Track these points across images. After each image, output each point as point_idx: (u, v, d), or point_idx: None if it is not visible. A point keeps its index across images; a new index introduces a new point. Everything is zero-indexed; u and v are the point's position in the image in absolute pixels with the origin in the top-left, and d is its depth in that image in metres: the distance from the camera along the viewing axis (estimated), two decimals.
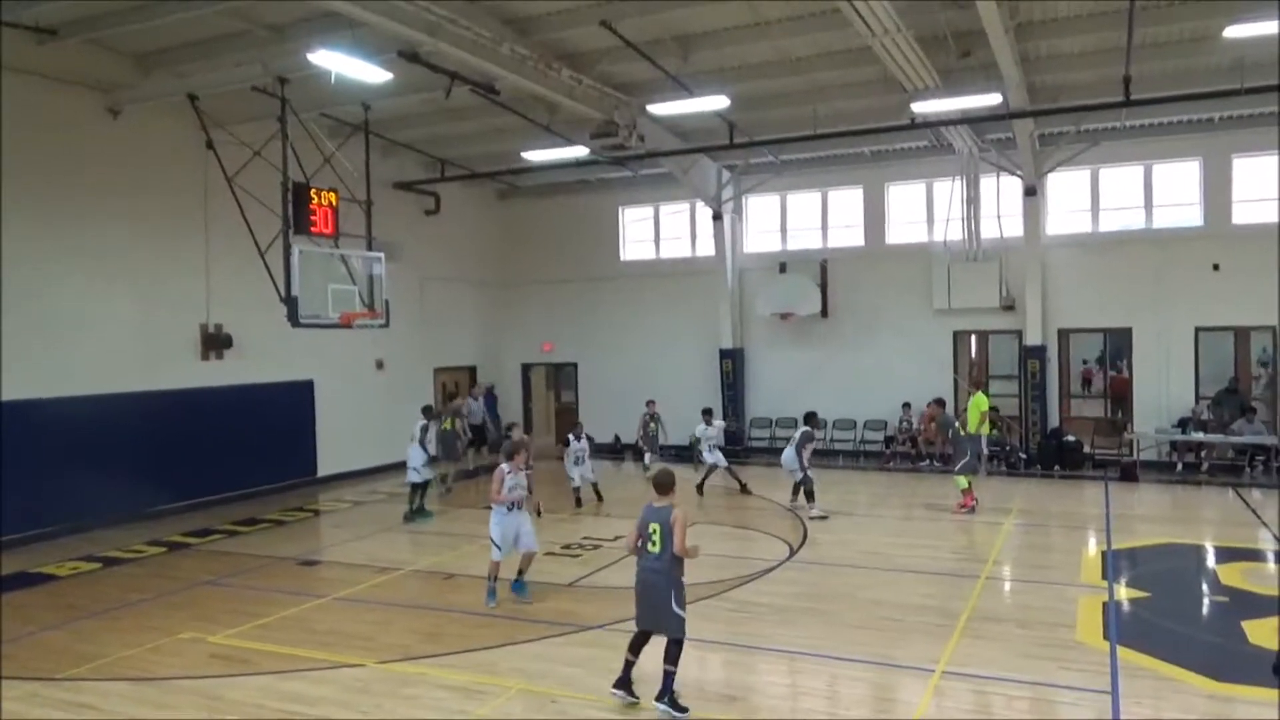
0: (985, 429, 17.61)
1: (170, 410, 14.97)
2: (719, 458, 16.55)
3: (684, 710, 6.65)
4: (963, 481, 14.29)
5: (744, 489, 16.22)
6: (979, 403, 17.59)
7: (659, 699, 6.67)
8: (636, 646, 6.93)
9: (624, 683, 6.88)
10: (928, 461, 18.95)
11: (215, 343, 15.95)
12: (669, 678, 6.69)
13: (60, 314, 13.58)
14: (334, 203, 13.85)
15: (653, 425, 17.78)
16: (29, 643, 8.77)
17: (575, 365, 23.62)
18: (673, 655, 6.70)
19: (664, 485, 7.00)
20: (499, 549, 9.65)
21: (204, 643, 8.65)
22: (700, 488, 16.30)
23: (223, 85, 13.81)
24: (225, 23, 12.73)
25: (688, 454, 20.81)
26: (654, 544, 6.82)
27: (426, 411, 15.42)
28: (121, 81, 14.26)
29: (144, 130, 14.71)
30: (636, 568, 6.94)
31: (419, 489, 14.50)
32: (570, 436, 15.51)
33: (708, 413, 16.95)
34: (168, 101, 14.29)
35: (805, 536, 12.77)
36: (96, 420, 13.85)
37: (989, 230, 19.03)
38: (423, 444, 14.60)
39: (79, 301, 13.86)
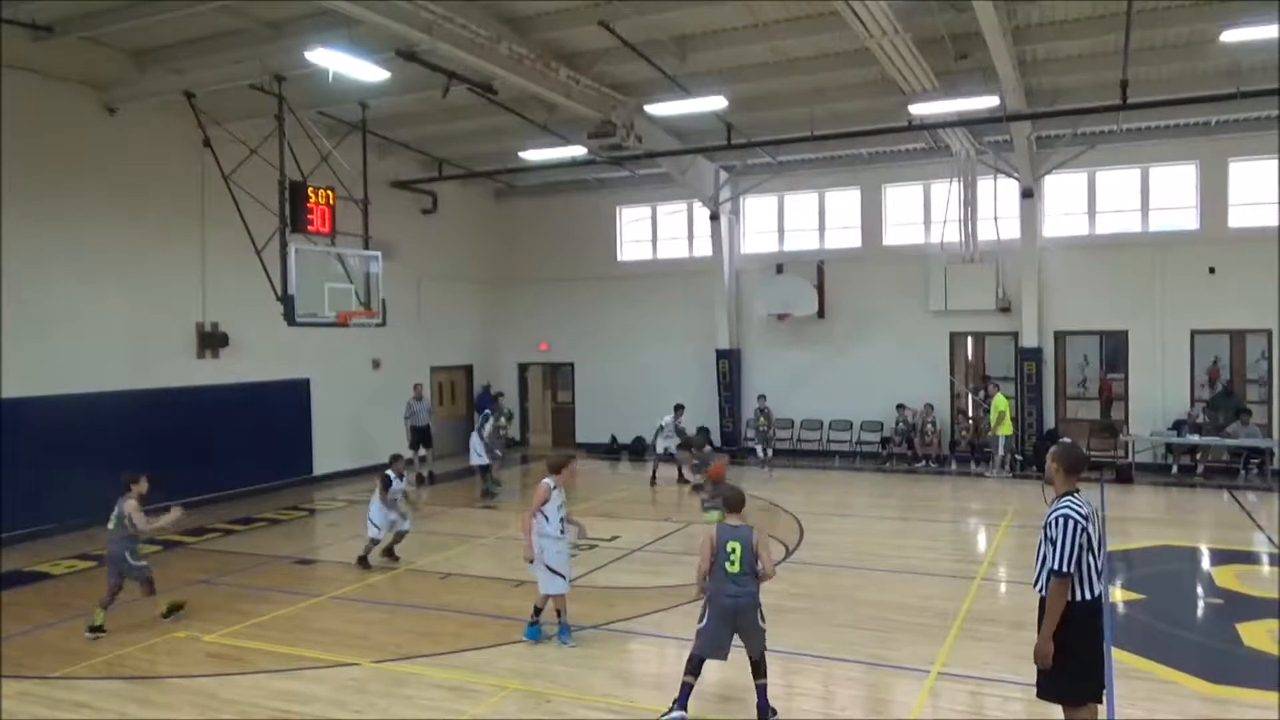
0: (1006, 429, 17.69)
1: (165, 408, 14.93)
2: (671, 447, 17.64)
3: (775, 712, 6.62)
4: (714, 516, 13.34)
5: (653, 482, 17.40)
6: (999, 403, 17.66)
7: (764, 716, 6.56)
8: (698, 669, 6.62)
9: (684, 704, 6.56)
10: (924, 463, 18.98)
11: (211, 341, 15.93)
12: (764, 690, 6.57)
13: (55, 311, 13.54)
14: (331, 201, 13.83)
15: (763, 420, 18.24)
16: (23, 641, 8.74)
17: (572, 365, 23.61)
18: (764, 669, 6.61)
19: (738, 503, 6.81)
20: (563, 578, 8.34)
21: (199, 641, 8.63)
22: (687, 482, 17.17)
23: (220, 83, 13.79)
24: (223, 20, 12.70)
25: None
26: (733, 563, 6.50)
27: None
28: (118, 79, 14.23)
29: (141, 128, 14.69)
30: (714, 591, 6.55)
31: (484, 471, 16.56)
32: (389, 474, 11.69)
33: (679, 408, 18.19)
34: (165, 99, 14.27)
35: (801, 537, 12.78)
36: (91, 418, 13.80)
37: (986, 232, 19.04)
38: (480, 433, 16.54)
39: (74, 299, 13.83)
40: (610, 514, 14.63)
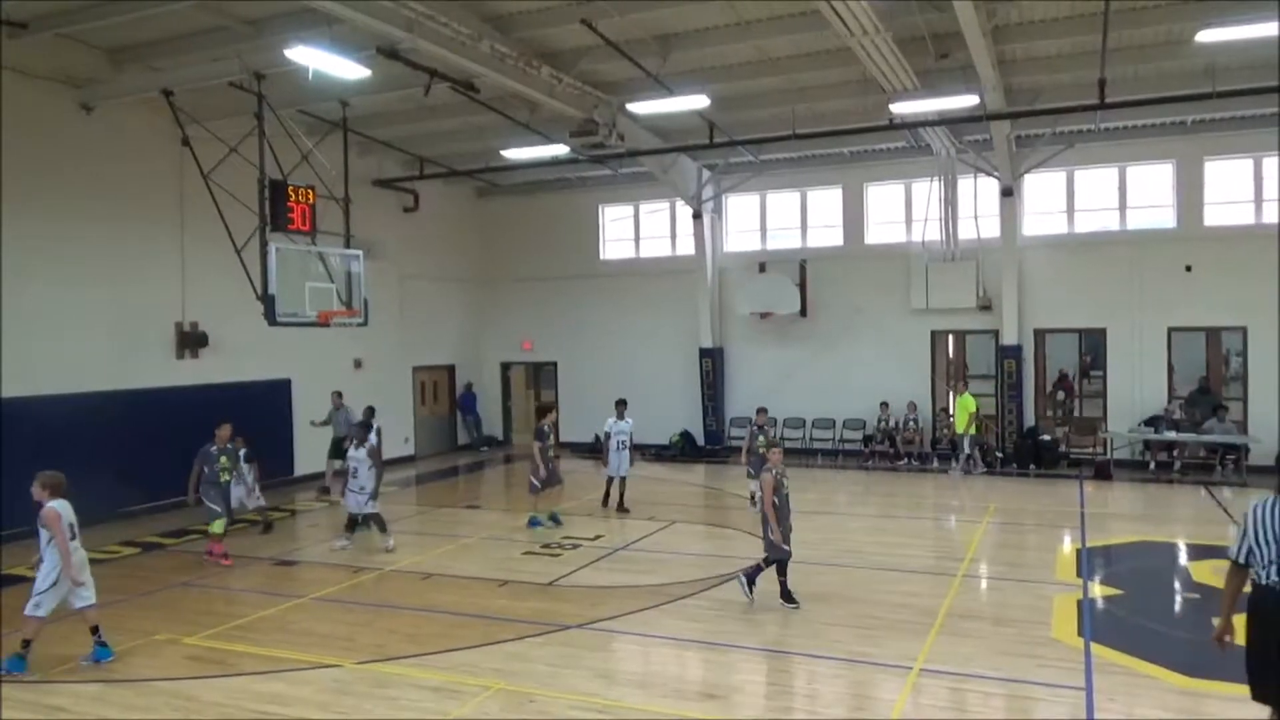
0: (972, 429, 17.81)
1: (145, 409, 14.78)
2: (623, 462, 14.62)
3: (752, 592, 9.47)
4: (218, 527, 11.93)
5: (622, 507, 14.66)
6: (966, 403, 17.76)
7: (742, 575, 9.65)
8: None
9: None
10: (905, 460, 19.08)
11: (191, 341, 15.79)
12: (758, 570, 9.60)
13: (33, 312, 13.37)
14: (311, 200, 13.73)
15: (761, 441, 14.04)
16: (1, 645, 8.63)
17: (555, 364, 23.58)
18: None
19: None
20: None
21: (179, 644, 8.57)
22: (616, 504, 14.71)
23: (199, 81, 13.66)
24: (201, 17, 12.57)
25: (668, 453, 20.93)
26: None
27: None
28: (95, 76, 14.07)
29: (118, 126, 14.53)
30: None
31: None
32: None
33: (621, 404, 15.09)
34: (142, 97, 14.12)
35: None
36: (70, 420, 13.62)
37: (966, 231, 19.18)
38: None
39: (52, 300, 13.67)
40: (594, 513, 14.62)
